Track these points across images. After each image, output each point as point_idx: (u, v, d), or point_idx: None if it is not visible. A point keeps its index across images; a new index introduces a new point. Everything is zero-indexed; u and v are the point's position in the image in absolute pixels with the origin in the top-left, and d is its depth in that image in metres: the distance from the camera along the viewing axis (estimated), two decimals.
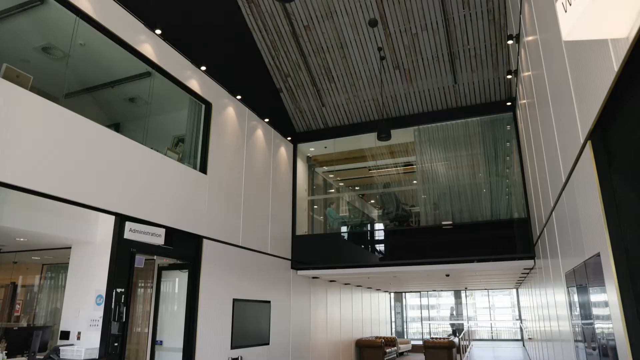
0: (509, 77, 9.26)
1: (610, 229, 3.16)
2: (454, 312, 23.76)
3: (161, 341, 7.66)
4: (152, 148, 7.08)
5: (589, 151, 3.37)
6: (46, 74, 7.40)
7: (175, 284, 7.92)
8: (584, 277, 4.11)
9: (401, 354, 17.89)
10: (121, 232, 6.37)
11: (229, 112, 9.16)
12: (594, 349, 4.04)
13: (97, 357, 5.84)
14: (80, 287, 6.36)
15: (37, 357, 5.55)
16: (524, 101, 7.82)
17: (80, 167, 5.66)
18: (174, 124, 9.10)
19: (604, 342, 3.62)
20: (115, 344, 6.07)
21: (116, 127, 9.00)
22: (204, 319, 7.75)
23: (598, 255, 3.46)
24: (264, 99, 10.83)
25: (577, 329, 4.76)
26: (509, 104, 10.27)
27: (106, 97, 8.94)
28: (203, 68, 8.39)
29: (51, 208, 6.06)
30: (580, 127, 3.45)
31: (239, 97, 9.48)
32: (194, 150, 8.40)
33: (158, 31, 7.33)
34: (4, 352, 4.98)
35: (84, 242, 6.51)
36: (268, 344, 9.65)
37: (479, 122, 10.81)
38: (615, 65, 2.38)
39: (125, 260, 6.41)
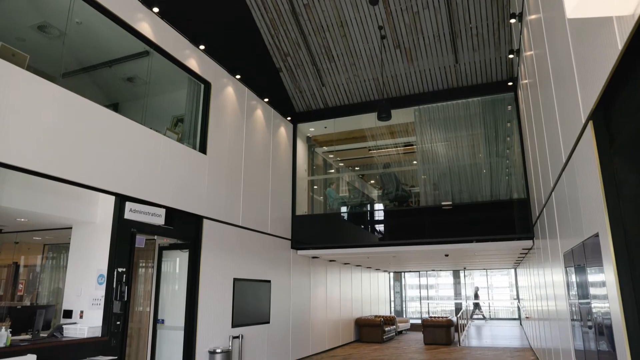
0: (511, 56, 9.17)
1: (610, 209, 3.16)
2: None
3: (163, 320, 7.75)
4: (151, 128, 7.05)
5: (590, 131, 3.35)
6: (42, 53, 7.32)
7: (176, 263, 7.98)
8: (582, 257, 4.13)
9: (400, 332, 18.14)
10: (121, 213, 6.39)
11: (228, 91, 9.09)
12: (590, 327, 4.09)
13: (99, 336, 5.92)
14: (82, 266, 6.41)
15: (41, 335, 5.62)
16: (526, 81, 7.75)
17: (79, 148, 5.64)
18: (173, 103, 9.05)
19: (600, 321, 3.66)
20: (118, 323, 6.15)
21: (115, 107, 8.95)
22: (205, 298, 7.83)
23: (597, 235, 3.47)
24: (263, 79, 10.74)
25: (574, 308, 4.81)
26: (510, 84, 10.19)
27: (104, 76, 8.86)
28: (202, 47, 8.29)
29: (51, 188, 6.06)
30: (582, 107, 3.42)
31: (238, 76, 9.40)
32: (193, 130, 8.37)
33: (156, 9, 7.22)
34: (9, 330, 5.04)
35: (85, 223, 6.53)
36: (268, 322, 9.77)
37: (479, 102, 10.74)
38: (620, 44, 2.35)
39: (125, 240, 6.45)
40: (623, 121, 3.03)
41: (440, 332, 14.14)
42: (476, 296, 23.75)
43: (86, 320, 6.08)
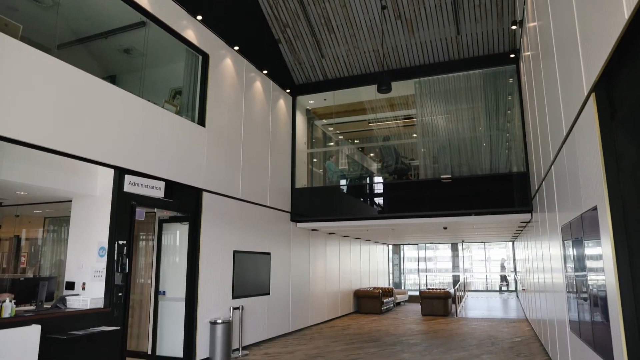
0: (514, 27, 9.01)
1: (609, 182, 3.16)
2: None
3: (164, 291, 7.86)
4: (149, 101, 6.99)
5: (592, 104, 3.32)
6: (36, 24, 7.18)
7: (177, 236, 8.04)
8: (579, 230, 4.16)
9: (398, 304, 18.43)
10: (121, 185, 6.39)
11: (227, 63, 8.97)
12: (585, 299, 4.15)
13: (102, 307, 6.00)
14: (83, 239, 6.45)
15: (45, 306, 5.71)
16: (528, 53, 7.64)
17: (76, 120, 5.60)
18: (170, 76, 8.94)
19: (595, 293, 3.70)
20: (120, 294, 6.23)
21: (112, 79, 8.84)
22: (206, 270, 7.92)
23: (595, 208, 3.48)
24: (262, 51, 10.58)
25: (570, 280, 4.87)
26: (512, 55, 10.05)
27: (100, 48, 8.72)
28: (199, 18, 8.13)
29: (50, 161, 6.05)
30: (585, 79, 3.38)
31: (236, 48, 9.26)
32: (191, 102, 8.29)
33: None
34: (13, 301, 5.11)
35: (84, 196, 6.54)
36: (268, 294, 9.91)
37: (481, 75, 10.62)
38: (627, 12, 2.30)
39: (125, 213, 6.47)
40: (626, 94, 3.00)
41: (437, 303, 14.37)
42: (502, 268, 23.95)
43: (88, 291, 6.16)
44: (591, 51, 3.15)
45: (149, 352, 7.73)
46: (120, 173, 6.41)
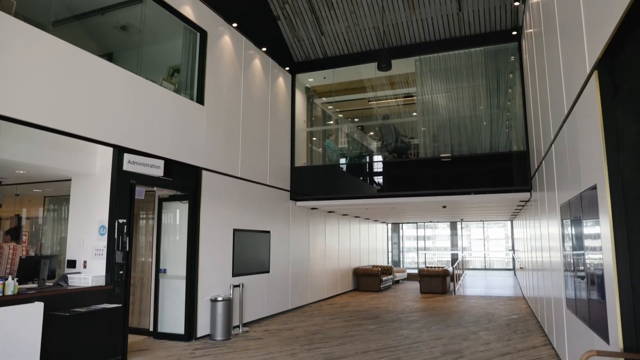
0: (517, 4, 8.87)
1: (609, 161, 3.15)
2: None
3: (165, 269, 7.92)
4: (147, 79, 6.92)
5: (594, 82, 3.29)
6: (30, 0, 7.04)
7: (176, 215, 8.06)
8: (578, 209, 4.17)
9: (397, 282, 18.62)
10: (120, 164, 6.38)
11: (225, 40, 8.85)
12: (582, 277, 4.18)
13: (103, 285, 6.06)
14: (83, 218, 6.47)
15: (47, 283, 5.76)
16: (530, 30, 7.54)
17: (73, 98, 5.56)
18: (168, 53, 8.83)
19: (592, 272, 3.73)
20: (121, 272, 6.28)
21: (109, 57, 8.73)
22: (206, 249, 7.97)
23: (594, 187, 3.48)
24: (261, 28, 10.43)
25: (567, 259, 4.90)
26: (514, 33, 9.92)
27: (96, 25, 8.59)
28: None
29: (48, 140, 6.02)
30: (588, 56, 3.34)
31: (234, 24, 9.12)
32: (190, 80, 8.22)
33: None
34: (15, 278, 5.15)
35: (84, 174, 6.54)
36: (268, 272, 10.00)
37: (482, 53, 10.50)
38: None
39: (125, 192, 6.47)
40: (629, 72, 2.97)
41: (436, 281, 14.52)
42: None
43: (90, 269, 6.21)
44: (595, 29, 3.11)
45: (151, 329, 7.84)
46: (119, 152, 6.39)
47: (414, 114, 11.54)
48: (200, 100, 8.07)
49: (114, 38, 8.83)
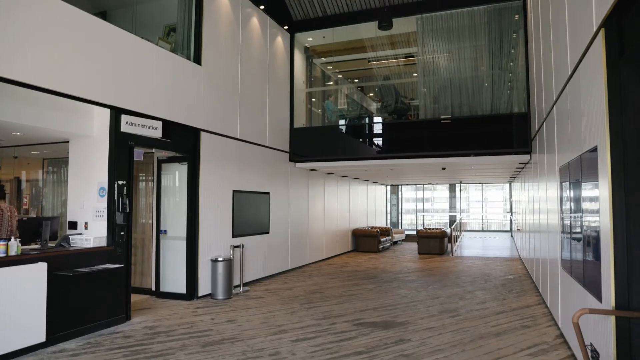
0: None
1: (611, 122, 3.12)
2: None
3: (165, 230, 8.00)
4: (143, 38, 6.76)
5: (600, 40, 3.21)
6: None
7: (176, 176, 8.06)
8: (578, 172, 4.17)
9: (395, 243, 18.87)
10: (117, 126, 6.32)
11: None
12: (578, 239, 4.23)
13: (105, 245, 6.13)
14: (82, 180, 6.47)
15: (49, 245, 5.82)
16: None
17: (68, 59, 5.44)
18: (164, 12, 8.59)
19: (589, 233, 3.77)
20: (122, 233, 6.34)
21: (102, 15, 8.50)
22: (205, 210, 8.02)
23: (595, 149, 3.46)
24: None
25: (565, 221, 4.94)
26: None
27: None
28: None
29: (45, 101, 5.93)
30: (595, 13, 3.25)
31: None
32: (187, 40, 8.03)
33: None
34: (18, 239, 5.21)
35: (81, 136, 6.49)
36: (268, 232, 10.10)
37: (485, 11, 10.23)
38: None
39: (124, 153, 6.45)
40: (636, 32, 2.90)
41: (434, 242, 14.71)
42: None
43: (91, 230, 6.26)
44: None
45: (153, 289, 7.99)
46: (116, 113, 6.32)
47: (415, 74, 11.36)
48: (198, 60, 7.92)
49: None
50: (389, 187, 23.15)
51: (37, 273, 5.08)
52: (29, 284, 4.98)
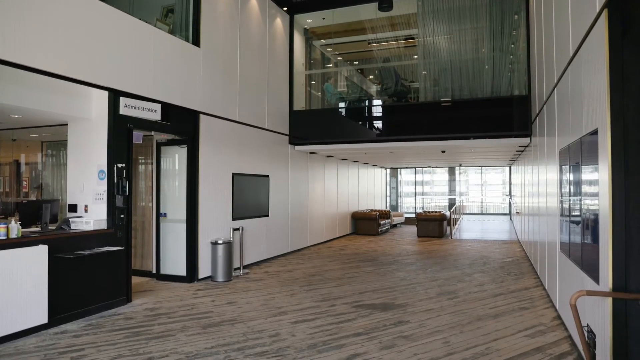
0: None
1: (612, 104, 3.10)
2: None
3: (165, 213, 8.01)
4: (140, 19, 6.67)
5: (603, 21, 3.17)
6: None
7: (175, 159, 8.05)
8: (578, 155, 4.16)
9: (394, 225, 18.95)
10: (116, 108, 6.29)
11: None
12: (577, 222, 4.24)
13: (105, 228, 6.15)
14: (82, 163, 6.46)
15: (50, 227, 5.84)
16: None
17: (66, 41, 5.38)
18: None
19: (588, 216, 3.78)
20: (122, 216, 6.36)
21: None
22: (205, 193, 8.02)
23: (595, 132, 3.45)
24: None
25: (564, 204, 4.95)
26: None
27: None
28: None
29: (43, 84, 5.88)
30: None
31: None
32: (185, 21, 7.94)
33: None
34: (18, 222, 5.22)
35: (80, 119, 6.45)
36: (267, 215, 10.13)
37: None
38: None
39: (123, 136, 6.43)
40: (639, 12, 2.86)
41: (433, 225, 14.77)
42: None
43: (91, 213, 6.27)
44: None
45: (154, 271, 8.04)
46: (114, 95, 6.28)
47: (415, 57, 11.26)
48: (196, 42, 7.84)
49: None
50: (388, 170, 23.15)
51: (38, 255, 5.10)
52: (30, 266, 5.01)
